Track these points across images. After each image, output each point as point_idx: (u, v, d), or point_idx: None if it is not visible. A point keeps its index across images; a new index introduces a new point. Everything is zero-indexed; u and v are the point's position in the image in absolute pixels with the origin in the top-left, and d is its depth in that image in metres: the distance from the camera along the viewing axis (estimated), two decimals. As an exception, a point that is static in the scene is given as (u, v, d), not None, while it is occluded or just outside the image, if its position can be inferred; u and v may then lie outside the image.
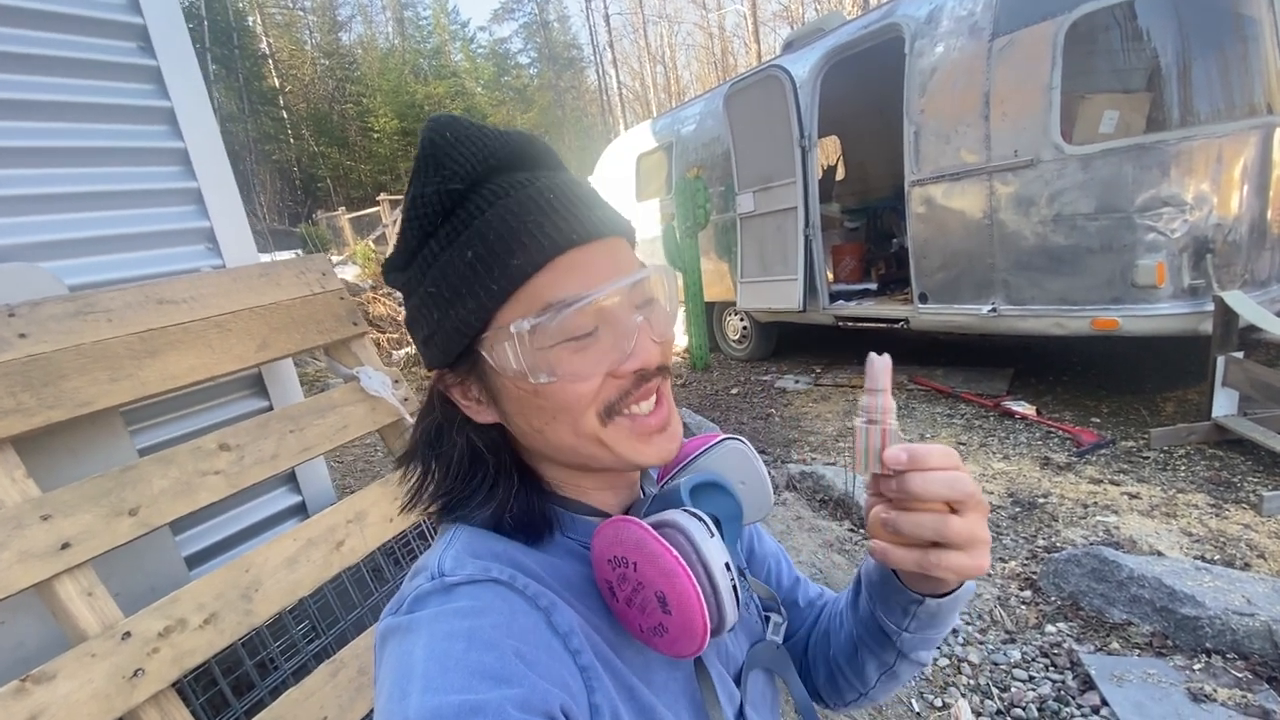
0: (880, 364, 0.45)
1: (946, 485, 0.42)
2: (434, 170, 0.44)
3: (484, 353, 0.47)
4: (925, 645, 0.56)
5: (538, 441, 0.50)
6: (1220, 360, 2.82)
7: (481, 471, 0.51)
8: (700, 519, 0.46)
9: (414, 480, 0.53)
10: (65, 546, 1.15)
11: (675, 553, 0.42)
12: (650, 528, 0.44)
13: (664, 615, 0.43)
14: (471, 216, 0.45)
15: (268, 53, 27.43)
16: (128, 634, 1.15)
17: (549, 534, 0.51)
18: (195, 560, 1.71)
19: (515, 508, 0.50)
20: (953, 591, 0.51)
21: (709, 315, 5.90)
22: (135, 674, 1.13)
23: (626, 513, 0.55)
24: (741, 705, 0.55)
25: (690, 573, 0.42)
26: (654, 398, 0.49)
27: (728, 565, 0.44)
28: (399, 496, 0.54)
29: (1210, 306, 2.84)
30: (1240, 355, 2.79)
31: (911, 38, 3.77)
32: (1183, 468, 2.77)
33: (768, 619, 0.61)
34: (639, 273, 0.48)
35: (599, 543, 0.47)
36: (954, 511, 0.43)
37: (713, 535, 0.45)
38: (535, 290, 0.45)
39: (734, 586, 0.44)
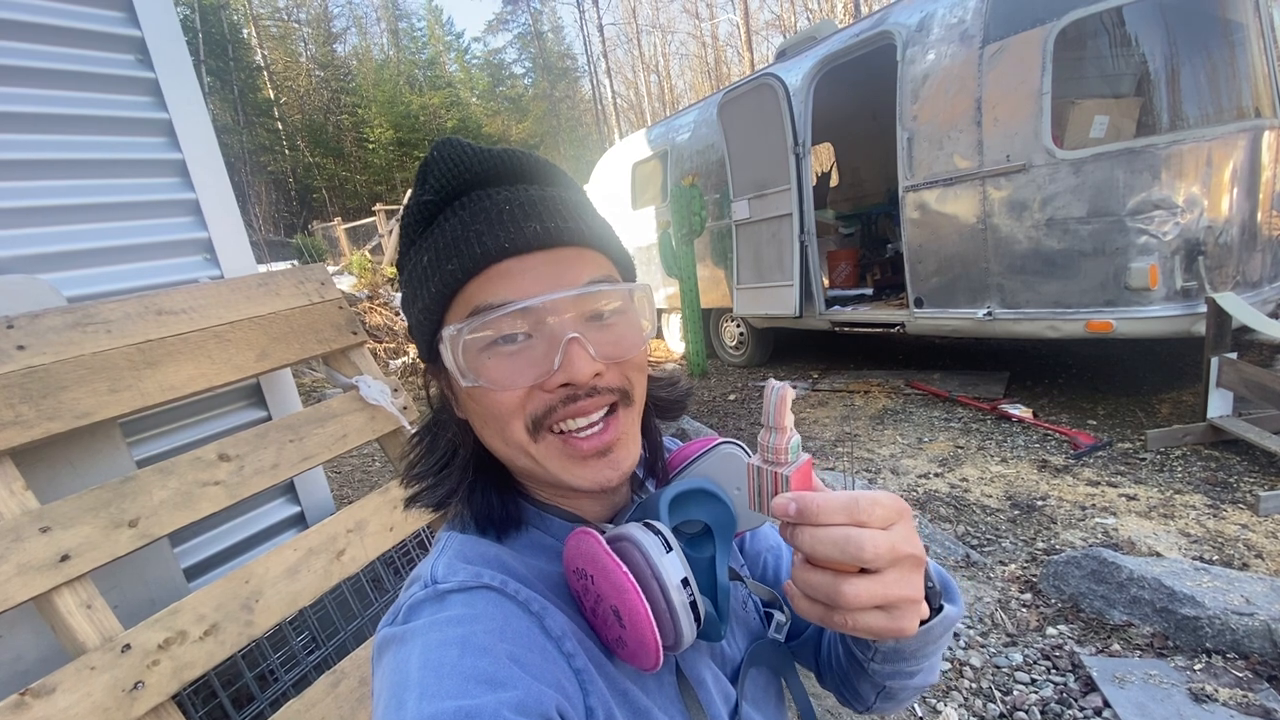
0: (777, 396, 0.40)
1: (836, 547, 0.37)
2: (419, 185, 0.49)
3: (441, 352, 0.49)
4: (901, 676, 0.52)
5: (484, 443, 0.51)
6: (1214, 361, 2.84)
7: (455, 461, 0.53)
8: (657, 533, 0.45)
9: (412, 457, 0.56)
10: (64, 559, 1.15)
11: (625, 569, 0.42)
12: (604, 542, 0.44)
13: (620, 629, 0.43)
14: (437, 226, 0.48)
15: (263, 65, 27.52)
16: (127, 646, 1.14)
17: (515, 529, 0.52)
18: (194, 572, 1.70)
19: (471, 502, 0.52)
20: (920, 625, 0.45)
21: (706, 322, 5.92)
22: (135, 687, 1.12)
23: (614, 519, 0.56)
24: (737, 703, 0.54)
25: (638, 589, 0.42)
26: (592, 416, 0.48)
27: (685, 581, 0.43)
28: (399, 505, 0.55)
29: (1203, 308, 2.86)
30: (1234, 356, 2.81)
31: (903, 45, 3.81)
32: (1179, 469, 2.78)
33: (770, 617, 0.61)
34: (582, 288, 0.47)
35: (566, 554, 0.47)
36: (867, 570, 0.38)
37: (669, 550, 0.44)
38: (468, 295, 0.47)
39: (692, 603, 0.43)
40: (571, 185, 0.53)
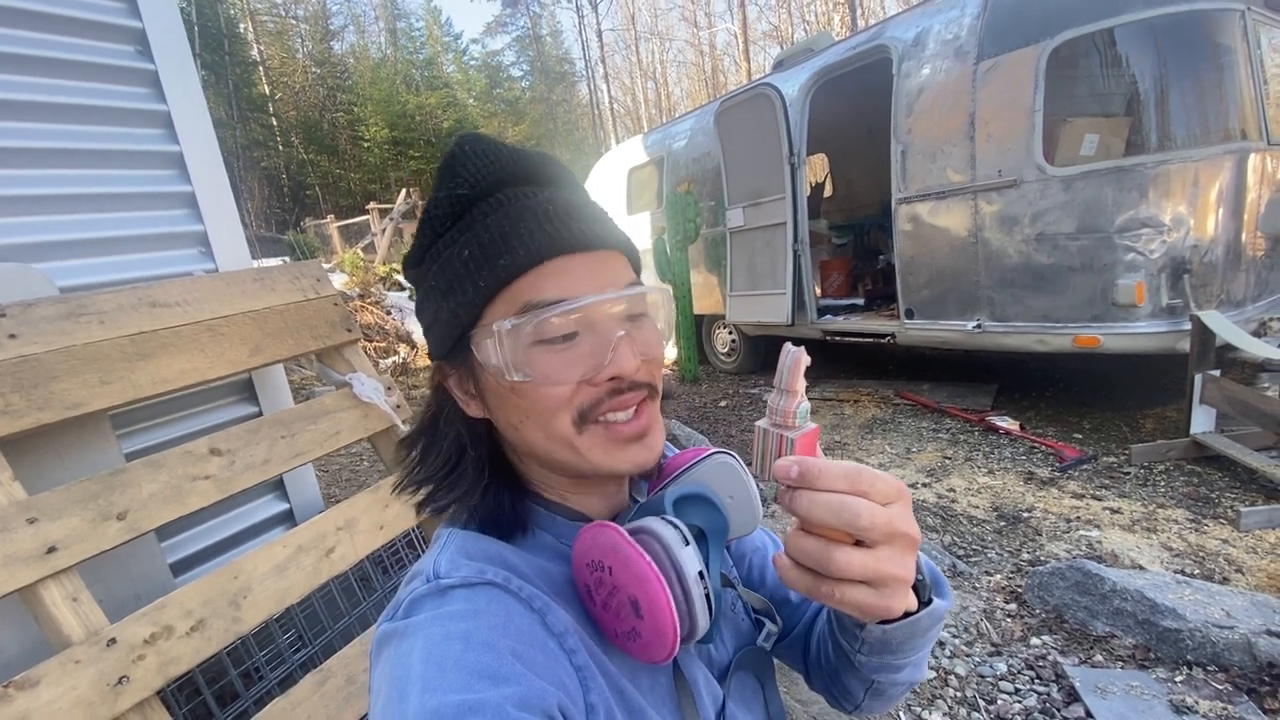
0: (791, 360, 0.41)
1: (832, 512, 0.37)
2: (449, 178, 0.49)
3: (472, 347, 0.49)
4: (888, 669, 0.52)
5: (516, 439, 0.52)
6: (1198, 378, 2.89)
7: (464, 463, 0.53)
8: (676, 527, 0.46)
9: (410, 460, 0.55)
10: (51, 550, 1.14)
11: (648, 558, 0.43)
12: (626, 533, 0.44)
13: (636, 620, 0.43)
14: (474, 220, 0.48)
15: (258, 60, 27.38)
16: (113, 640, 1.13)
17: (521, 533, 0.52)
18: (181, 567, 1.69)
19: (483, 503, 0.52)
20: (906, 617, 0.45)
21: (698, 328, 5.94)
22: (120, 681, 1.11)
23: (615, 519, 0.56)
24: (724, 704, 0.55)
25: (662, 579, 0.42)
26: (632, 410, 0.49)
27: (701, 574, 0.44)
28: (390, 502, 0.55)
29: (1188, 325, 2.91)
30: (1217, 373, 2.86)
31: (899, 59, 3.85)
32: (1162, 483, 2.81)
33: (761, 624, 0.61)
34: (627, 289, 0.49)
35: (579, 546, 0.47)
36: (860, 543, 0.38)
37: (687, 543, 0.45)
38: (518, 291, 0.47)
39: (707, 596, 0.44)
40: (589, 193, 0.55)
